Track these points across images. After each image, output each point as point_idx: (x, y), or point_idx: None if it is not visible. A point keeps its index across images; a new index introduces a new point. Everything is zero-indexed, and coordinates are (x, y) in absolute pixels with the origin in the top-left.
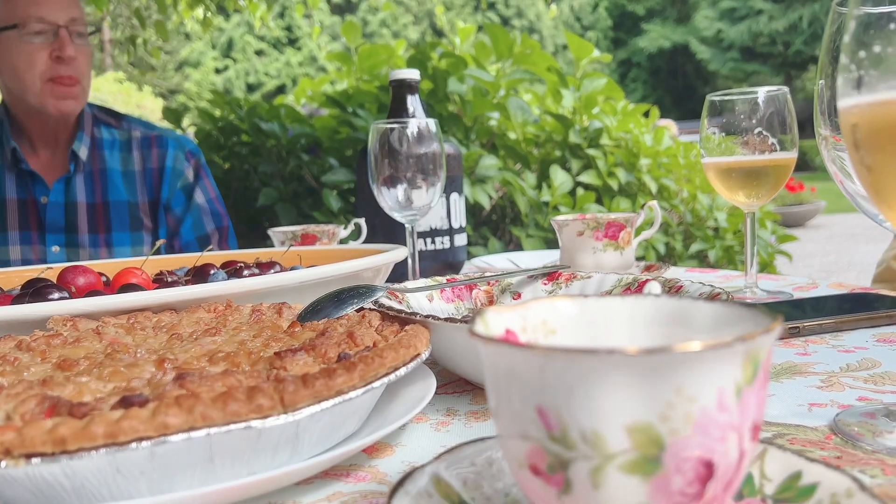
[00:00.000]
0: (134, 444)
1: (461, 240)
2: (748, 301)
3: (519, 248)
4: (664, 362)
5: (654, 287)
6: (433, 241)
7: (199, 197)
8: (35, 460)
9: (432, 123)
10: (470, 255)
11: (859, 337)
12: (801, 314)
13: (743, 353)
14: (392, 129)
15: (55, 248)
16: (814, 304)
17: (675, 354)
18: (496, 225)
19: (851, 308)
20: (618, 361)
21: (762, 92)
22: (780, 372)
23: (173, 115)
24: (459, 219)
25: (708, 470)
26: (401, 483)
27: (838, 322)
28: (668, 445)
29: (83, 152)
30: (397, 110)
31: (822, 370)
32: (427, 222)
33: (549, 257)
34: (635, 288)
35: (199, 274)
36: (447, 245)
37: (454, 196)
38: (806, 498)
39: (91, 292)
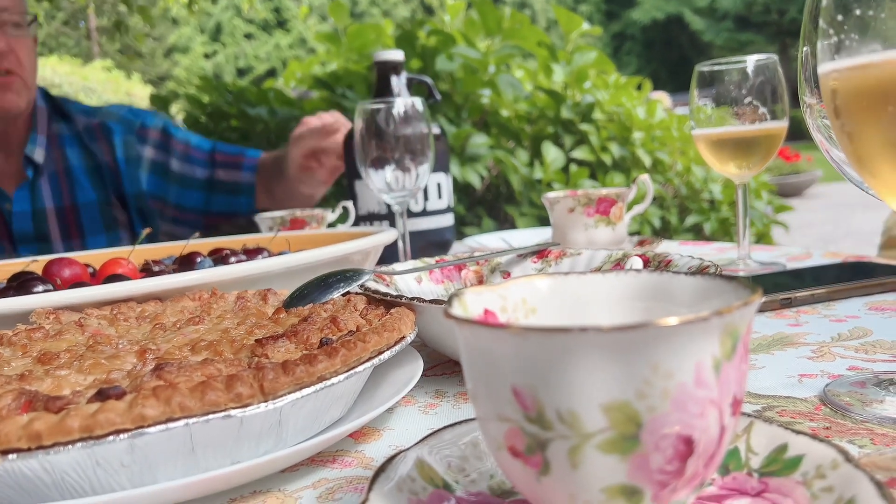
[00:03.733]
0: (111, 437)
1: (448, 220)
2: (739, 273)
3: (513, 226)
4: (639, 339)
5: (636, 262)
6: (418, 222)
7: (175, 165)
8: (11, 456)
9: (418, 103)
10: (463, 235)
11: (851, 306)
12: (794, 284)
13: (720, 328)
14: (378, 110)
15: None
16: (806, 274)
17: (651, 330)
18: (490, 204)
19: (844, 277)
20: (592, 339)
21: (751, 61)
22: (771, 343)
23: (161, 101)
24: (446, 199)
25: (688, 447)
26: (383, 468)
27: (830, 291)
28: (646, 423)
29: (39, 154)
30: (382, 92)
31: (813, 340)
32: (412, 203)
33: (542, 235)
34: (626, 263)
35: (186, 262)
36: (433, 226)
37: (440, 176)
38: (792, 470)
39: (75, 284)
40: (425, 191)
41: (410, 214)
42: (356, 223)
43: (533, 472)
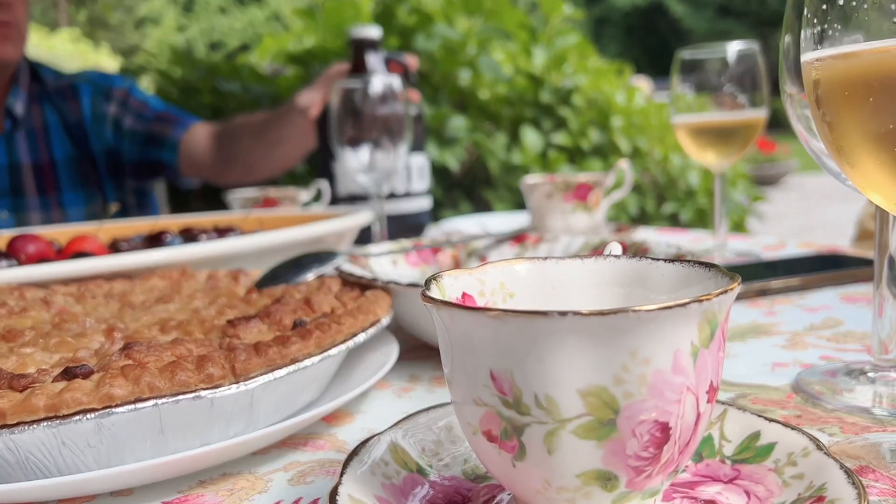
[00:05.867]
0: (78, 417)
1: (424, 203)
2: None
3: (490, 210)
4: (618, 324)
5: (615, 248)
6: (394, 205)
7: (128, 122)
8: None
9: (397, 82)
10: (439, 219)
11: (825, 296)
12: (769, 274)
13: (699, 315)
14: (354, 89)
15: (3, 214)
16: (781, 264)
17: (630, 316)
18: (467, 188)
19: (818, 268)
20: (571, 324)
21: (732, 49)
22: (745, 332)
23: (131, 75)
24: (422, 181)
25: (664, 433)
26: (356, 451)
27: (804, 281)
28: (623, 409)
29: (19, 107)
30: (358, 69)
31: (786, 329)
32: (397, 185)
33: (519, 219)
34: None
35: (154, 241)
36: (413, 208)
37: (416, 158)
38: (764, 457)
39: (40, 261)
40: (408, 172)
41: (392, 196)
42: (334, 203)
43: (508, 457)
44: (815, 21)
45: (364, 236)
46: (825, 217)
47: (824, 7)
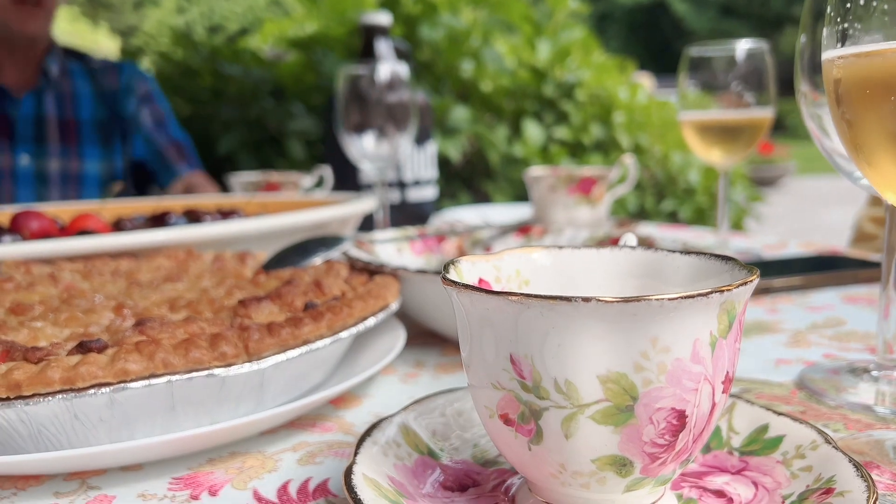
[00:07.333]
0: (92, 391)
1: (429, 192)
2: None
3: (489, 202)
4: (640, 312)
5: (630, 239)
6: (399, 193)
7: (145, 117)
8: None
9: (404, 69)
10: (438, 209)
11: (826, 296)
12: (771, 273)
13: (719, 305)
14: (361, 75)
15: (24, 158)
16: (783, 264)
17: (652, 304)
18: (467, 179)
19: (819, 268)
20: (594, 310)
21: (741, 47)
22: (749, 329)
23: (131, 56)
24: (428, 170)
25: (680, 421)
26: (369, 432)
27: (806, 281)
28: (642, 396)
29: (54, 69)
30: (368, 56)
31: (789, 328)
32: (393, 173)
33: (521, 211)
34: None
35: (158, 221)
36: (413, 197)
37: (423, 146)
38: (772, 450)
39: (44, 237)
40: (418, 160)
41: (401, 185)
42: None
43: (524, 441)
44: (838, 19)
45: (366, 224)
46: (822, 220)
47: (847, 5)
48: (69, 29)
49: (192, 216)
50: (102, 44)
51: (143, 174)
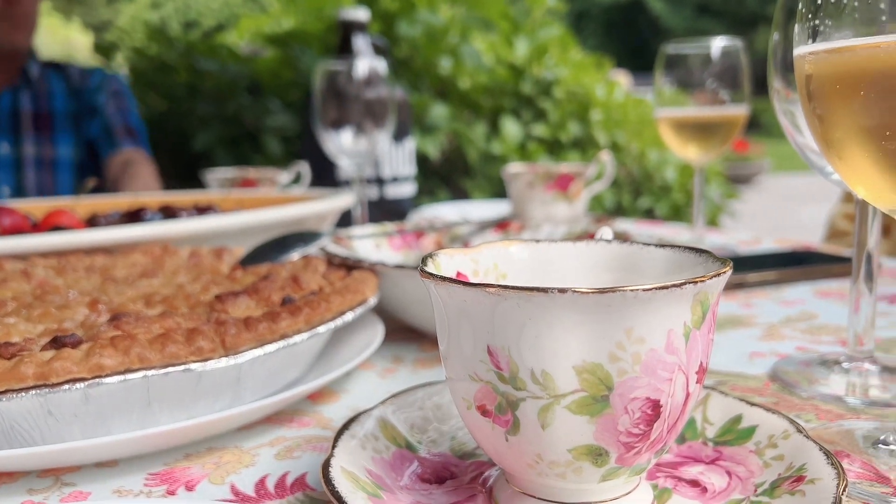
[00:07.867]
0: (66, 386)
1: (407, 189)
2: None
3: (467, 199)
4: (615, 302)
5: (606, 232)
6: (378, 189)
7: (109, 106)
8: None
9: (381, 65)
10: (416, 205)
11: (799, 291)
12: (745, 268)
13: (693, 296)
14: (339, 71)
15: (4, 147)
16: (757, 259)
17: (627, 295)
18: (445, 176)
19: (793, 263)
20: (570, 301)
21: (716, 44)
22: (723, 323)
23: (105, 52)
24: (407, 167)
25: (655, 411)
26: (346, 426)
27: (780, 276)
28: (617, 386)
29: (34, 70)
30: (345, 52)
31: (763, 321)
32: (371, 169)
33: (499, 208)
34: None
35: (133, 217)
36: (392, 194)
37: (401, 143)
38: (745, 440)
39: (16, 233)
40: (396, 157)
41: (379, 181)
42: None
43: (501, 432)
44: (810, 16)
45: (345, 221)
46: (796, 217)
47: (819, 3)
48: (41, 23)
49: (168, 212)
50: (75, 39)
51: (93, 154)
